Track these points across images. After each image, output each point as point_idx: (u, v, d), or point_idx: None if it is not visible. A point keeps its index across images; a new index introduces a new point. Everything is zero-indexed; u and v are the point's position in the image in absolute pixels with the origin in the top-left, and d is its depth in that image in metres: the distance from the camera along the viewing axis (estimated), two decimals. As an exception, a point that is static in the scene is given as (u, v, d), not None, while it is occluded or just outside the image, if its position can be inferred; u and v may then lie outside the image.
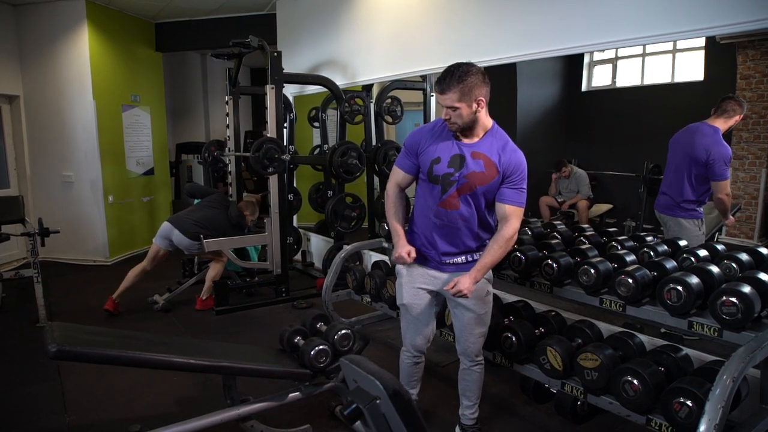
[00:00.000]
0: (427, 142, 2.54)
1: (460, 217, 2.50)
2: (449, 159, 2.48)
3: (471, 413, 2.89)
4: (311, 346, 2.55)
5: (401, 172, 2.63)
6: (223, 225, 4.96)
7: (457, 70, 2.38)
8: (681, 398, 2.16)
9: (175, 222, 4.91)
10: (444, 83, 2.38)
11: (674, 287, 2.37)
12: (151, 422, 2.37)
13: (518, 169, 2.52)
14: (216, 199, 5.13)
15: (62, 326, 2.31)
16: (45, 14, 6.60)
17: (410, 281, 2.67)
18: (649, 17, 3.21)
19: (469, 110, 2.40)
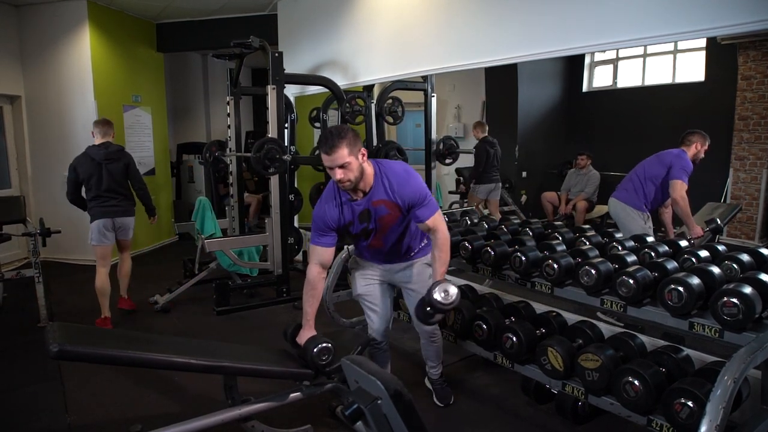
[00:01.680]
0: (334, 214, 2.66)
1: (391, 243, 2.79)
2: (358, 217, 2.67)
3: (435, 371, 3.27)
4: (314, 344, 2.55)
5: (323, 249, 2.70)
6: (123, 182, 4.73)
7: (335, 130, 2.51)
8: (682, 399, 2.16)
9: (110, 215, 4.64)
10: (329, 144, 2.48)
11: (675, 288, 2.37)
12: (152, 422, 2.37)
13: (417, 195, 2.64)
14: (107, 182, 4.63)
15: (63, 326, 2.31)
16: (47, 15, 6.61)
17: (362, 275, 2.97)
18: (650, 18, 3.21)
19: (357, 162, 2.51)
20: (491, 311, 3.19)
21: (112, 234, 4.71)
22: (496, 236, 3.49)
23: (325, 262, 2.73)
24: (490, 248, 3.22)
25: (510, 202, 7.44)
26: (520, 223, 3.91)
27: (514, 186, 7.73)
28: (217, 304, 4.96)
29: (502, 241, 3.32)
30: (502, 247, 3.22)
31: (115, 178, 4.65)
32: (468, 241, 3.38)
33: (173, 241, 8.26)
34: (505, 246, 3.24)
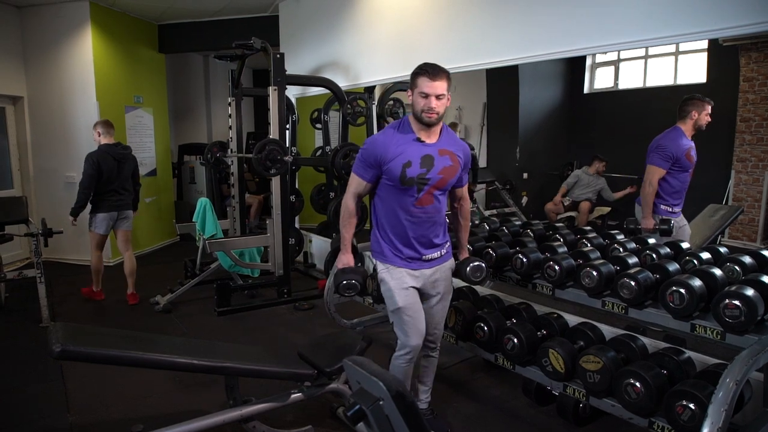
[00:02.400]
0: (393, 149, 2.56)
1: (433, 211, 2.66)
2: (420, 160, 2.57)
3: (426, 397, 3.02)
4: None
5: (362, 182, 2.68)
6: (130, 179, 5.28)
7: (435, 64, 2.52)
8: (684, 401, 2.16)
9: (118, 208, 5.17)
10: (434, 71, 2.48)
11: (677, 290, 2.37)
12: (153, 422, 2.38)
13: (469, 157, 2.76)
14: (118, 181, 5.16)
15: (66, 326, 2.31)
16: (49, 16, 6.62)
17: (399, 284, 2.68)
18: (652, 19, 3.21)
19: (448, 102, 2.55)
20: (492, 313, 3.19)
21: (111, 226, 5.21)
22: (497, 237, 3.49)
23: (362, 194, 2.74)
24: (491, 249, 3.22)
25: (511, 204, 7.43)
26: (521, 224, 3.91)
27: (514, 187, 7.73)
28: (218, 304, 4.95)
29: (503, 242, 3.32)
30: (503, 249, 3.22)
31: (127, 175, 5.22)
32: (469, 243, 3.37)
33: (174, 242, 8.26)
34: (507, 247, 3.24)
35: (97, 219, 5.09)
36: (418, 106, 2.51)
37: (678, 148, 3.84)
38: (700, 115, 3.86)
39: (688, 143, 3.88)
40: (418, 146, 2.57)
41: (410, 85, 2.57)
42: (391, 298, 2.69)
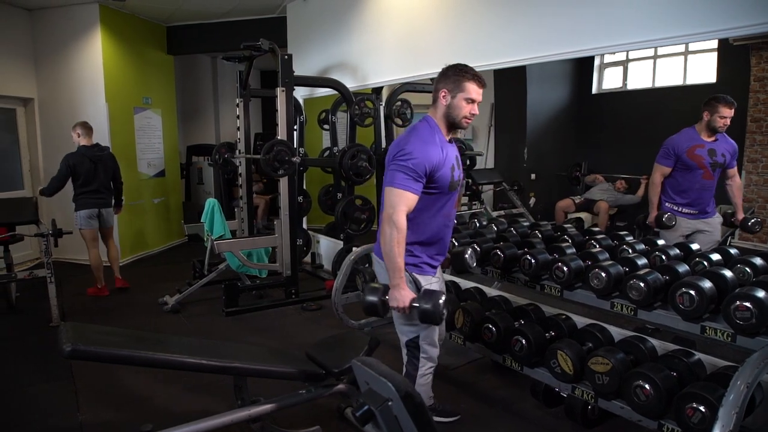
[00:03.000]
0: (440, 155, 2.43)
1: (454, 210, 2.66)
2: (455, 162, 2.55)
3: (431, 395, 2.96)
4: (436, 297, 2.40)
5: (414, 196, 2.38)
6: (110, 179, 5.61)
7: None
8: (694, 403, 2.14)
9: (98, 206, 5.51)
10: (482, 78, 2.46)
11: (687, 291, 2.35)
12: (162, 422, 2.38)
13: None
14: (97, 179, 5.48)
15: (76, 326, 2.32)
16: (59, 18, 6.67)
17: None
18: (661, 19, 3.19)
19: None
20: (500, 314, 3.19)
21: (96, 221, 5.52)
22: (505, 238, 3.48)
23: (411, 210, 2.40)
24: (499, 250, 3.21)
25: (518, 205, 7.41)
26: (530, 225, 3.90)
27: (522, 188, 7.70)
28: (226, 305, 4.97)
29: (511, 243, 3.31)
30: (511, 250, 3.21)
31: (107, 175, 5.56)
32: (477, 244, 3.37)
33: (183, 242, 8.30)
34: (515, 248, 3.23)
35: (80, 216, 5.43)
36: (463, 110, 2.44)
37: (678, 145, 3.88)
38: (712, 117, 3.84)
39: (693, 142, 3.88)
40: (451, 148, 2.54)
41: (449, 86, 2.44)
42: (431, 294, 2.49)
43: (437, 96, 2.50)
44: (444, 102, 2.47)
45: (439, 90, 2.48)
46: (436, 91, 2.51)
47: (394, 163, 2.38)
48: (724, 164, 3.89)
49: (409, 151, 2.36)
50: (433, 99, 2.55)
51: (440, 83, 2.49)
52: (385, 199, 2.38)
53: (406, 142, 2.40)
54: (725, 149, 3.89)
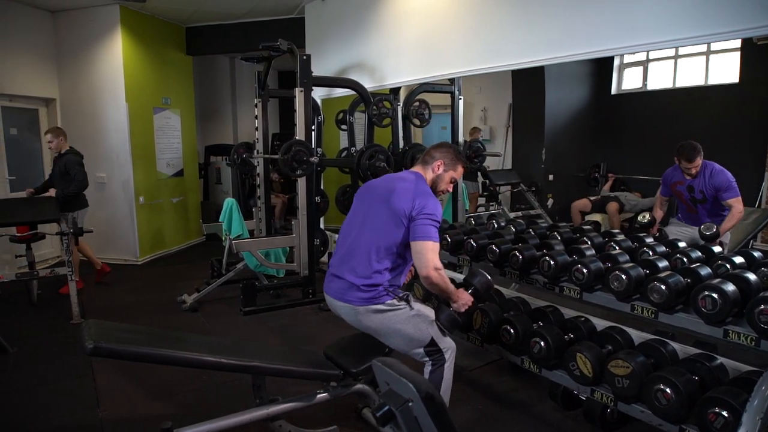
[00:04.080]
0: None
1: None
2: None
3: None
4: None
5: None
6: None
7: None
8: (716, 408, 2.11)
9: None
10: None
11: (709, 294, 2.32)
12: (181, 419, 2.40)
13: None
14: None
15: (98, 324, 2.35)
16: (81, 20, 6.76)
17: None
18: (683, 19, 3.15)
19: None
20: (519, 315, 3.17)
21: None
22: (524, 240, 3.46)
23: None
24: (518, 252, 3.19)
25: (536, 206, 7.37)
26: (548, 226, 3.87)
27: (540, 189, 7.66)
28: (243, 304, 5.00)
29: (530, 245, 3.29)
30: (530, 251, 3.19)
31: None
32: (495, 245, 3.35)
33: (201, 242, 8.36)
34: (533, 250, 3.21)
35: (83, 214, 5.64)
36: (444, 185, 2.83)
37: (667, 178, 4.36)
38: (680, 163, 4.11)
39: (675, 178, 4.26)
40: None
41: (446, 161, 2.79)
42: (422, 313, 2.72)
43: (432, 163, 2.81)
44: (437, 171, 2.81)
45: (437, 159, 2.81)
46: (433, 159, 2.81)
47: (426, 218, 2.58)
48: (704, 200, 4.10)
49: (435, 211, 2.62)
50: (425, 162, 2.83)
51: (439, 153, 2.82)
52: (426, 252, 2.55)
53: (427, 199, 2.64)
54: (705, 186, 4.07)
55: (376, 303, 2.63)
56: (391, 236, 2.62)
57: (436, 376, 2.70)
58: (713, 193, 4.03)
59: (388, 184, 2.75)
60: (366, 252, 2.63)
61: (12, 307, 5.25)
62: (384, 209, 2.64)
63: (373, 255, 2.62)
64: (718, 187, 4.01)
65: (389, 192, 2.67)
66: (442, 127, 8.84)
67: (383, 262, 2.63)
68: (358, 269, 2.63)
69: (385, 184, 2.78)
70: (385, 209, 2.64)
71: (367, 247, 2.64)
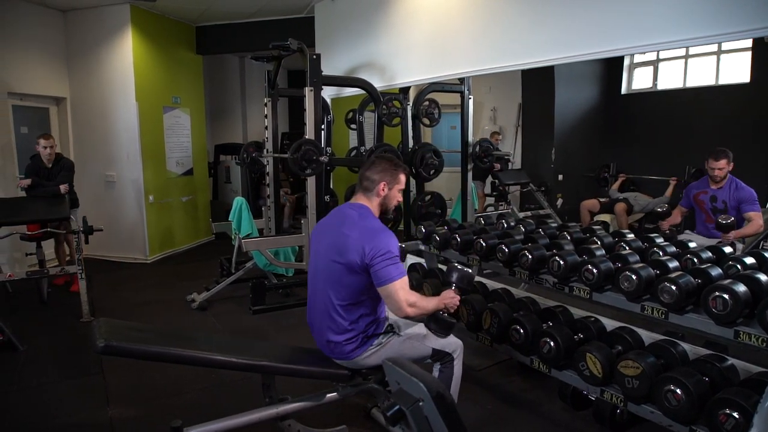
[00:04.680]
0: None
1: None
2: None
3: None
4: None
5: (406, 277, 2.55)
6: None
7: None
8: (727, 409, 2.10)
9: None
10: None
11: (720, 295, 2.30)
12: (191, 418, 2.41)
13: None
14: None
15: (108, 322, 2.37)
16: (91, 19, 6.80)
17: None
18: (694, 18, 3.13)
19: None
20: (528, 315, 3.16)
21: None
22: (533, 240, 3.45)
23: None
24: (527, 252, 3.18)
25: (545, 206, 7.35)
26: (558, 226, 3.86)
27: (550, 189, 7.64)
28: (253, 303, 5.02)
29: (539, 245, 3.28)
30: (539, 251, 3.18)
31: None
32: (505, 245, 3.35)
33: (210, 241, 8.39)
34: (543, 250, 3.20)
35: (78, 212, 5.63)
36: (394, 202, 2.70)
37: (691, 189, 4.56)
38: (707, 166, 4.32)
39: (700, 188, 4.45)
40: None
41: (387, 179, 2.63)
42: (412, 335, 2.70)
43: (376, 187, 2.64)
44: (383, 193, 2.65)
45: (379, 182, 2.63)
46: (374, 183, 2.64)
47: (382, 260, 2.43)
48: (725, 210, 4.23)
49: (389, 247, 2.46)
50: (367, 189, 2.66)
51: (378, 174, 2.64)
52: (394, 293, 2.43)
53: (376, 239, 2.47)
54: (729, 197, 4.24)
55: (365, 349, 2.58)
56: (351, 288, 2.52)
57: (446, 374, 2.71)
58: (735, 205, 4.20)
59: (336, 231, 2.59)
60: (335, 310, 2.55)
61: (22, 305, 5.29)
62: (336, 264, 2.53)
63: (341, 312, 2.54)
64: (741, 200, 4.18)
65: (338, 243, 2.53)
66: (452, 126, 8.84)
67: (355, 313, 2.55)
68: (333, 327, 2.57)
69: (333, 231, 2.62)
70: (337, 265, 2.52)
71: (333, 305, 2.55)
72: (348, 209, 2.67)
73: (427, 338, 2.68)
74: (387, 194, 2.66)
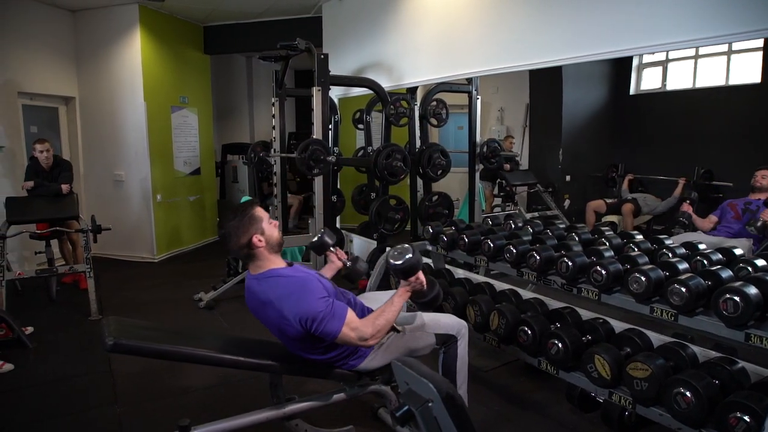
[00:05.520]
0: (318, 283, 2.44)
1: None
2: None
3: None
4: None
5: (350, 311, 2.35)
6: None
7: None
8: (738, 413, 2.08)
9: None
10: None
11: (731, 297, 2.28)
12: (199, 417, 2.42)
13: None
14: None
15: (117, 320, 2.37)
16: (100, 19, 6.83)
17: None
18: (703, 18, 3.11)
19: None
20: (536, 316, 3.15)
21: None
22: (541, 240, 3.44)
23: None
24: (535, 252, 3.17)
25: (553, 207, 7.32)
26: (566, 227, 3.85)
27: (557, 190, 7.60)
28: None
29: (547, 245, 3.27)
30: (547, 252, 3.17)
31: None
32: (513, 245, 3.33)
33: (217, 240, 8.39)
34: (551, 251, 3.19)
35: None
36: (275, 232, 2.47)
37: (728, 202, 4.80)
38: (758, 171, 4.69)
39: (738, 201, 4.71)
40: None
41: (253, 230, 2.38)
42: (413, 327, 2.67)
43: (255, 247, 2.40)
44: (262, 243, 2.40)
45: (251, 239, 2.38)
46: (250, 245, 2.40)
47: (316, 324, 2.25)
48: (754, 212, 4.51)
49: (313, 307, 2.27)
50: (250, 255, 2.46)
51: (244, 237, 2.38)
52: (348, 339, 2.29)
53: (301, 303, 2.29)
54: (759, 204, 4.56)
55: (366, 355, 2.53)
56: (315, 342, 2.39)
57: (450, 354, 2.71)
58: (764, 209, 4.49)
59: (263, 313, 2.48)
60: (313, 360, 2.48)
61: (31, 303, 5.32)
62: (287, 340, 2.45)
63: (320, 357, 2.45)
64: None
65: (273, 324, 2.44)
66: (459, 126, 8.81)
67: (335, 349, 2.45)
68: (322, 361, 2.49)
69: (260, 312, 2.51)
70: (288, 340, 2.44)
71: (310, 359, 2.48)
72: (255, 286, 2.48)
73: (427, 326, 2.67)
74: (264, 237, 2.40)
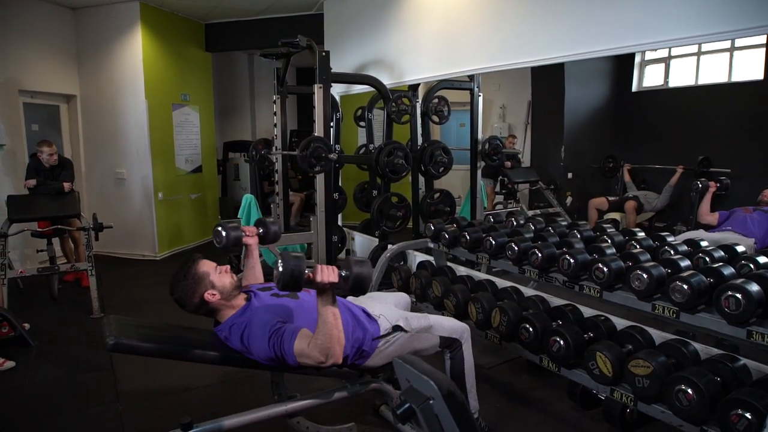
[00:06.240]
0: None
1: None
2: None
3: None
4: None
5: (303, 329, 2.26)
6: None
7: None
8: (740, 410, 2.08)
9: None
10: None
11: (733, 294, 2.27)
12: (200, 415, 2.42)
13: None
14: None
15: (118, 319, 2.37)
16: (101, 17, 6.84)
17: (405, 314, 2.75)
18: (706, 15, 3.10)
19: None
20: (538, 314, 3.15)
21: None
22: (543, 238, 3.43)
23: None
24: (537, 250, 3.16)
25: (555, 204, 7.31)
26: (568, 225, 3.84)
27: (559, 187, 7.59)
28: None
29: (549, 243, 3.26)
30: (549, 249, 3.16)
31: None
32: (515, 243, 3.33)
33: (218, 238, 8.40)
34: (553, 248, 3.18)
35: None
36: (227, 277, 2.42)
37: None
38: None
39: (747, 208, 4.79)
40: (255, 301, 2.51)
41: (204, 287, 2.35)
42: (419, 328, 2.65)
43: (210, 298, 2.37)
44: (217, 297, 2.37)
45: (203, 296, 2.36)
46: (204, 303, 2.38)
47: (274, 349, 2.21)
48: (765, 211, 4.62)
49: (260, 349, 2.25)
50: (211, 311, 2.44)
51: (197, 294, 2.36)
52: (307, 362, 2.20)
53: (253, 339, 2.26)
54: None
55: (371, 354, 2.51)
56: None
57: (457, 361, 2.72)
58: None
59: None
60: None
61: (33, 301, 5.33)
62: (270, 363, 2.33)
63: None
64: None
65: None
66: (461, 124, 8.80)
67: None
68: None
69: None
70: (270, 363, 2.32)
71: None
72: (223, 339, 2.42)
73: (433, 328, 2.69)
74: (217, 290, 2.37)
